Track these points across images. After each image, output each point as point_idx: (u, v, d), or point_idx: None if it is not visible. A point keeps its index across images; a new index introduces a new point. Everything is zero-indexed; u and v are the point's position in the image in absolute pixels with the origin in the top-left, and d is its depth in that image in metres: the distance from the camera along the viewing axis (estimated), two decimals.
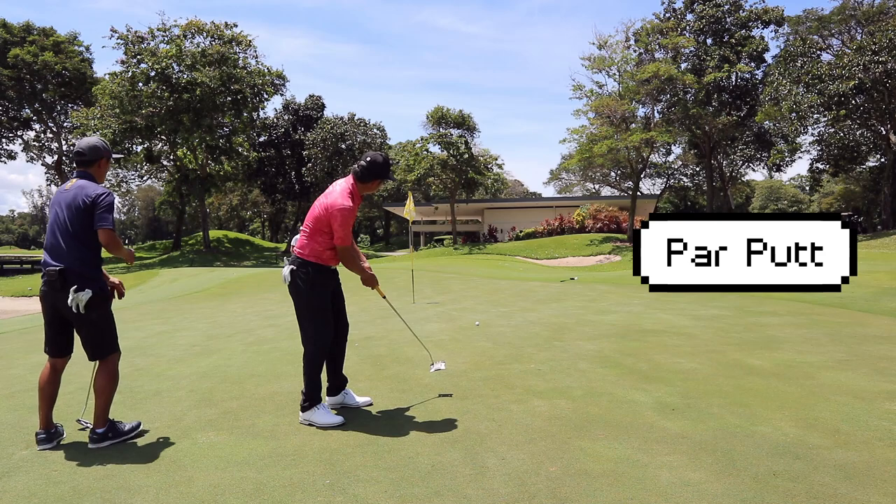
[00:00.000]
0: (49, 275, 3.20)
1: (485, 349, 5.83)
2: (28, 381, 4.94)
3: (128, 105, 33.44)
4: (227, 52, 35.45)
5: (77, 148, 3.43)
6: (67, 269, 3.20)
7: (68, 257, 3.22)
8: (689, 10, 34.84)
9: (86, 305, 3.19)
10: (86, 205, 3.22)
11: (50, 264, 3.22)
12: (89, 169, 3.42)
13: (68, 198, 3.27)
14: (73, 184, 3.34)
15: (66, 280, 3.18)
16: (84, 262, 3.25)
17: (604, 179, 56.07)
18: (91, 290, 3.21)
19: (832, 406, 3.70)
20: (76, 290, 3.17)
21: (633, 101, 30.95)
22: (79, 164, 3.43)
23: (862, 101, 25.60)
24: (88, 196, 3.23)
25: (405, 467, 2.92)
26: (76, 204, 3.23)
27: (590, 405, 3.85)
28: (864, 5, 32.44)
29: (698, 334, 6.32)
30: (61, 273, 3.18)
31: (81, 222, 3.23)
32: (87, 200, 3.22)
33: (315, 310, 3.65)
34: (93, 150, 3.42)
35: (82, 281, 3.21)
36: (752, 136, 37.13)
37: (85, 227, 3.23)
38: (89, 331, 3.29)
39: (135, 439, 3.41)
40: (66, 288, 3.18)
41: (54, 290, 3.22)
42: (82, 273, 3.23)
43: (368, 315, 8.82)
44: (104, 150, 3.46)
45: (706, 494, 2.53)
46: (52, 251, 3.25)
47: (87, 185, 3.30)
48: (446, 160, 37.56)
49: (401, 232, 76.05)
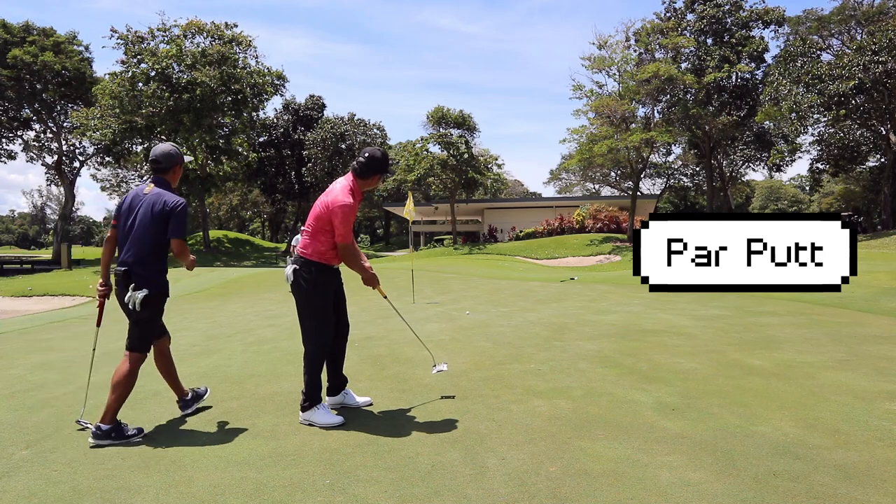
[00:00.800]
0: (117, 274, 3.49)
1: (485, 349, 5.83)
2: (28, 381, 4.94)
3: (128, 105, 33.44)
4: (227, 52, 35.44)
5: (152, 156, 3.66)
6: (132, 269, 3.44)
7: (136, 259, 3.46)
8: (690, 10, 34.84)
9: (141, 303, 3.41)
10: (162, 213, 3.46)
11: (122, 264, 3.48)
12: (165, 176, 3.66)
13: (146, 203, 3.51)
14: (151, 190, 3.56)
15: (129, 279, 3.43)
16: (149, 264, 3.48)
17: (604, 179, 56.08)
18: (148, 290, 3.44)
19: (832, 406, 3.70)
20: (134, 289, 3.42)
21: (633, 101, 30.94)
22: (155, 171, 3.66)
23: (862, 101, 25.59)
24: (166, 204, 3.47)
25: (405, 467, 2.92)
26: (153, 211, 3.47)
27: (590, 405, 3.84)
28: (864, 5, 32.44)
29: (698, 334, 6.32)
30: (126, 273, 3.45)
31: (155, 228, 3.46)
32: (164, 209, 3.46)
33: (317, 309, 3.65)
34: (167, 158, 3.65)
35: (143, 281, 3.44)
36: (752, 136, 37.12)
37: (158, 232, 3.47)
38: (135, 326, 3.54)
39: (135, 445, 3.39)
40: (128, 286, 3.43)
41: (119, 287, 3.50)
42: (144, 274, 3.45)
43: (369, 315, 8.81)
44: (177, 156, 3.69)
45: (706, 494, 2.53)
46: (125, 252, 3.50)
47: (165, 194, 3.53)
48: (446, 160, 37.55)
49: (401, 232, 76.04)
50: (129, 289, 3.42)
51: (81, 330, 8.07)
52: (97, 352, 6.05)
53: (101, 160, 45.06)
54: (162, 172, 3.65)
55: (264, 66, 38.40)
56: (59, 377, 5.08)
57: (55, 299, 19.66)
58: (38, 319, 10.39)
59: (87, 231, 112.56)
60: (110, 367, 5.42)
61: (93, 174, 48.46)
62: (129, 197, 3.61)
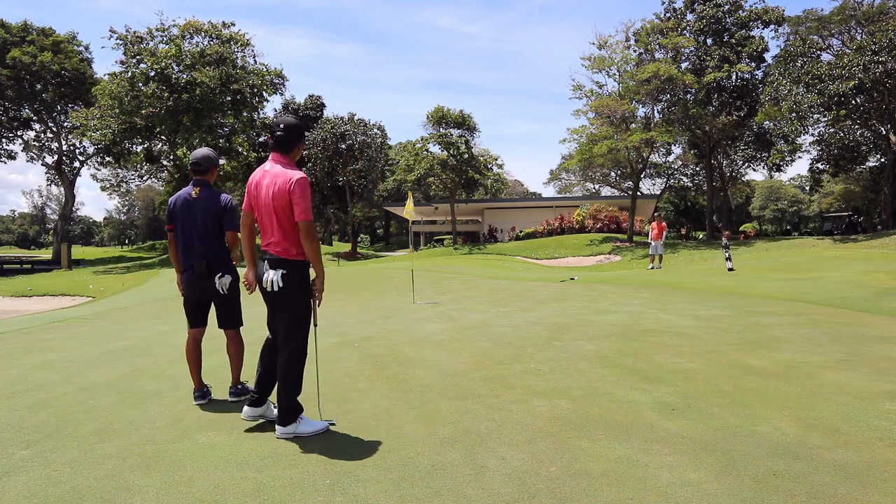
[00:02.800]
0: (199, 267, 3.98)
1: (485, 349, 5.83)
2: (28, 381, 4.94)
3: (128, 105, 33.41)
4: (225, 52, 35.42)
5: (193, 159, 4.09)
6: (211, 261, 3.99)
7: (209, 252, 4.00)
8: (690, 10, 34.79)
9: (229, 286, 4.04)
10: (217, 211, 4.00)
11: (196, 260, 3.98)
12: (205, 177, 4.11)
13: (200, 206, 4.01)
14: (198, 192, 4.03)
15: (212, 270, 3.99)
16: (220, 254, 4.05)
17: (604, 179, 56.08)
18: (231, 275, 4.04)
19: (832, 406, 3.70)
20: (220, 277, 4.00)
21: (633, 101, 30.92)
22: (196, 173, 4.09)
23: (862, 101, 25.57)
24: (219, 203, 4.02)
25: (405, 467, 2.92)
26: (209, 211, 4.00)
27: (590, 405, 3.84)
28: (864, 5, 32.41)
29: (698, 334, 6.32)
30: (208, 265, 3.97)
31: (215, 224, 4.01)
32: (218, 210, 4.00)
33: (308, 313, 3.49)
34: (207, 161, 4.11)
35: (223, 269, 4.02)
36: (752, 136, 37.08)
37: (218, 228, 4.03)
38: (229, 306, 4.11)
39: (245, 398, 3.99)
40: (212, 276, 3.99)
41: (202, 279, 4.00)
42: (221, 263, 4.04)
43: (368, 315, 8.82)
44: (215, 159, 4.19)
45: (706, 494, 2.53)
46: (193, 250, 4.00)
47: (215, 194, 4.05)
48: (446, 160, 37.54)
49: (401, 232, 76.03)
50: (214, 278, 3.98)
51: (81, 330, 8.06)
52: (97, 351, 6.05)
53: (101, 160, 45.06)
54: (202, 174, 4.09)
55: (263, 65, 38.40)
56: (59, 377, 5.07)
57: (55, 299, 19.66)
58: (38, 319, 10.39)
59: (88, 231, 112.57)
60: (111, 367, 5.43)
61: (93, 174, 48.40)
62: (179, 201, 4.06)
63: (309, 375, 3.74)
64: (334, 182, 43.92)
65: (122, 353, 6.17)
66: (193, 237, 3.99)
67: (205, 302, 4.16)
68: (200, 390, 4.20)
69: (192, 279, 4.04)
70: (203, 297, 4.11)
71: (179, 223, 4.04)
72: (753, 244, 27.73)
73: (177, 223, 4.05)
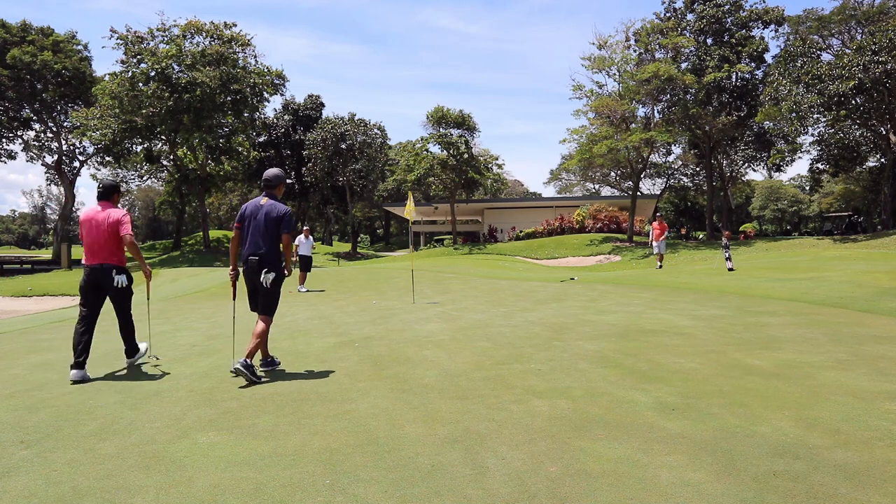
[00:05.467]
0: (250, 262, 4.82)
1: (485, 349, 5.83)
2: (28, 381, 4.94)
3: (128, 105, 33.41)
4: (226, 52, 35.40)
5: (265, 177, 5.03)
6: (263, 258, 4.78)
7: (264, 250, 4.80)
8: (690, 10, 34.78)
9: (272, 282, 4.81)
10: (277, 218, 4.84)
11: (253, 255, 4.81)
12: (273, 191, 5.00)
13: (265, 212, 4.85)
14: (266, 202, 4.91)
15: (262, 265, 4.78)
16: (273, 255, 4.84)
17: (604, 179, 56.03)
18: (275, 272, 4.83)
19: (832, 406, 3.70)
20: (266, 272, 4.78)
21: (633, 101, 30.91)
22: (266, 188, 5.02)
23: (862, 101, 25.55)
24: (279, 212, 4.87)
25: (405, 467, 2.92)
26: (271, 217, 4.83)
27: (590, 405, 3.84)
28: (864, 5, 32.40)
29: (698, 334, 6.32)
30: (260, 260, 4.79)
31: (275, 229, 4.83)
32: (278, 215, 4.85)
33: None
34: (276, 178, 5.03)
35: (271, 265, 4.82)
36: (752, 136, 37.08)
37: (276, 232, 4.84)
38: (268, 297, 4.89)
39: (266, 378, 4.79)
40: (261, 270, 4.77)
41: (253, 272, 4.82)
42: (271, 261, 4.82)
43: (369, 315, 8.82)
44: (283, 177, 5.10)
45: (706, 494, 2.53)
46: (254, 246, 4.83)
47: (277, 205, 4.91)
48: (446, 160, 37.54)
49: (401, 232, 76.03)
50: (262, 272, 4.75)
51: None
52: (97, 351, 6.05)
53: (101, 160, 45.03)
54: (271, 188, 5.00)
55: (264, 65, 38.39)
56: (59, 377, 5.07)
57: (55, 299, 19.67)
58: (38, 319, 10.39)
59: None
60: (110, 367, 5.43)
61: (93, 174, 48.38)
62: (250, 206, 4.93)
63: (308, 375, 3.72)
64: (334, 182, 43.92)
65: (122, 352, 6.17)
66: (257, 235, 4.81)
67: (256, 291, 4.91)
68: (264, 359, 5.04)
69: (247, 271, 4.87)
70: (254, 286, 4.89)
71: (248, 223, 4.89)
72: (753, 244, 27.73)
73: (245, 223, 4.91)
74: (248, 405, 4.06)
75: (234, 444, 3.32)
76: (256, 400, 4.19)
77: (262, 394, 4.35)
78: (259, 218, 4.84)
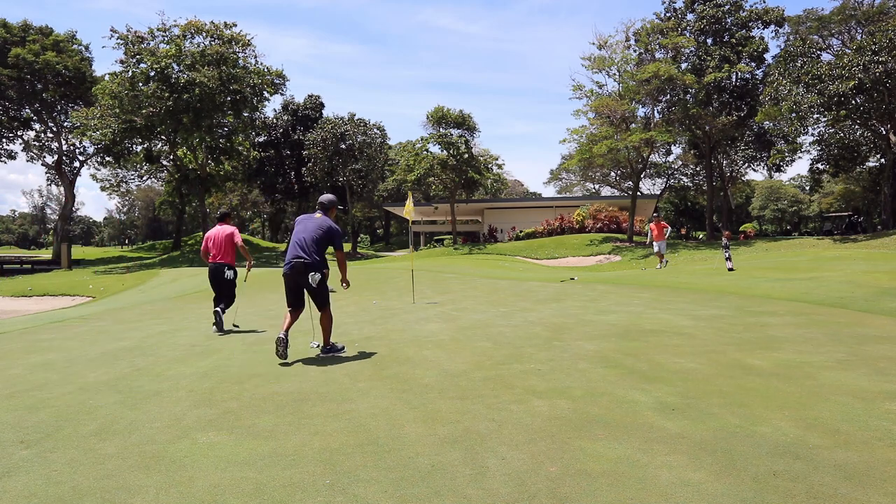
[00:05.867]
0: (297, 264, 5.41)
1: (485, 349, 5.83)
2: (28, 381, 4.94)
3: (128, 105, 33.40)
4: (226, 52, 35.39)
5: (320, 200, 5.78)
6: (308, 263, 5.40)
7: (310, 255, 5.41)
8: (690, 10, 34.78)
9: (319, 281, 5.46)
10: (329, 233, 5.55)
11: (299, 257, 5.41)
12: (326, 213, 5.73)
13: (317, 223, 5.58)
14: (320, 216, 5.65)
15: (308, 268, 5.40)
16: (318, 260, 5.46)
17: (604, 179, 56.05)
18: (320, 274, 5.45)
19: (832, 406, 3.70)
20: (312, 274, 5.41)
21: (633, 101, 30.91)
22: (320, 208, 5.75)
23: (862, 101, 25.54)
24: (331, 228, 5.58)
25: (405, 467, 2.92)
26: (322, 230, 5.53)
27: (590, 405, 3.84)
28: (864, 5, 32.40)
29: (698, 334, 6.32)
30: (305, 264, 5.39)
31: (321, 239, 5.51)
32: (329, 231, 5.56)
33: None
34: (330, 202, 5.80)
35: (316, 268, 5.43)
36: (752, 136, 37.09)
37: (323, 242, 5.52)
38: (319, 296, 5.57)
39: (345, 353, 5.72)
40: (307, 272, 5.40)
41: (298, 273, 5.43)
42: (315, 265, 5.43)
43: (368, 315, 8.82)
44: (336, 202, 5.84)
45: (706, 494, 2.53)
46: (302, 249, 5.43)
47: (329, 221, 5.64)
48: (446, 160, 37.53)
49: (401, 232, 76.04)
50: (308, 274, 5.40)
51: (81, 330, 8.06)
52: (97, 351, 6.05)
53: (101, 160, 45.07)
54: (325, 210, 5.74)
55: (264, 65, 38.38)
56: (59, 377, 5.07)
57: (55, 299, 19.66)
58: (38, 319, 10.39)
59: (87, 231, 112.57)
60: (111, 367, 5.43)
61: (93, 174, 48.48)
62: (302, 217, 5.71)
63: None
64: (334, 182, 43.92)
65: (122, 353, 6.17)
66: (305, 241, 5.45)
67: (299, 289, 5.57)
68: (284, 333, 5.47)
69: (291, 272, 5.45)
70: (298, 285, 5.54)
71: (299, 226, 5.62)
72: (753, 244, 27.73)
73: (296, 227, 5.65)
74: (248, 405, 4.06)
75: (234, 444, 3.32)
76: (256, 400, 4.19)
77: (262, 394, 4.35)
78: (310, 227, 5.53)
